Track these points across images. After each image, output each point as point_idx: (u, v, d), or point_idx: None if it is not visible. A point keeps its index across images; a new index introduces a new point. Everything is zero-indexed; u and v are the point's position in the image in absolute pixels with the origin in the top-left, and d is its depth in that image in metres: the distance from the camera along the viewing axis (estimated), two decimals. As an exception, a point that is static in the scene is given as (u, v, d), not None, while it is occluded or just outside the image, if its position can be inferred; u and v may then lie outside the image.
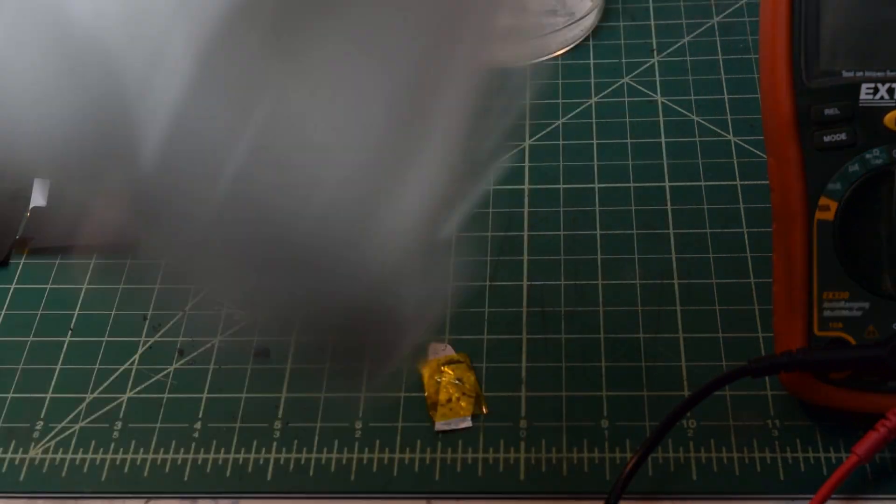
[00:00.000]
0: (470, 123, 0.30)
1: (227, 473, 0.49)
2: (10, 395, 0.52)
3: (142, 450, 0.50)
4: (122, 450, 0.50)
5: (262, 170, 0.28)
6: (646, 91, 0.65)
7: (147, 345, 0.54)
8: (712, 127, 0.63)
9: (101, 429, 0.51)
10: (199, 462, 0.50)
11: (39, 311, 0.56)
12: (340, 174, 0.28)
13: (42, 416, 0.52)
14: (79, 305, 0.56)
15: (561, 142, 0.63)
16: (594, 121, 0.64)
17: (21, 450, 0.50)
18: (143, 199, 0.28)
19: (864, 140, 0.47)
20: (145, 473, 0.49)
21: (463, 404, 0.50)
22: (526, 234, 0.58)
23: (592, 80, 0.66)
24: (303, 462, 0.49)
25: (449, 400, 0.50)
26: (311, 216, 0.28)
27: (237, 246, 0.29)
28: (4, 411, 0.52)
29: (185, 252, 0.30)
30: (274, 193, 0.28)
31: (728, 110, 0.64)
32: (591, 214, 0.59)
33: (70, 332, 0.55)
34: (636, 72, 0.66)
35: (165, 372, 0.53)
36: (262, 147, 0.27)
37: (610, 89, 0.66)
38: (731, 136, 0.62)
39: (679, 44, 0.68)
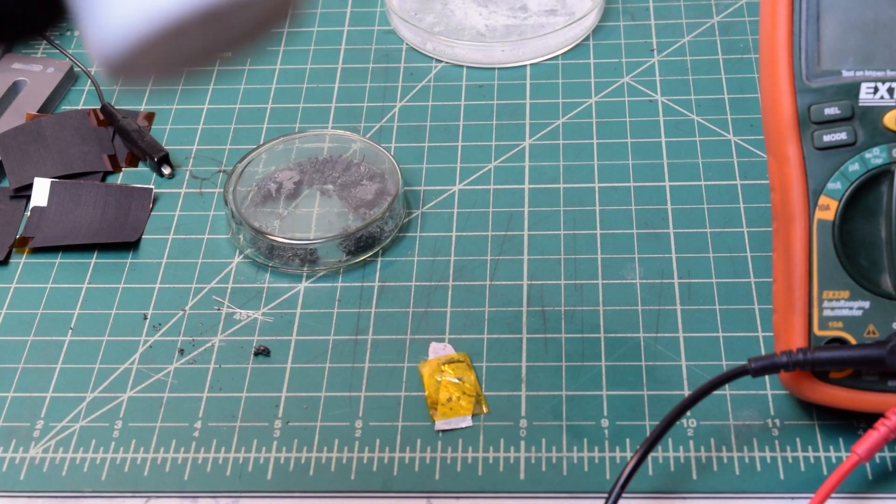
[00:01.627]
0: None
1: (228, 472, 0.49)
2: (11, 395, 0.53)
3: (142, 449, 0.50)
4: (122, 449, 0.50)
5: None
6: (646, 91, 0.65)
7: (147, 344, 0.54)
8: (712, 126, 0.63)
9: (102, 428, 0.51)
10: (200, 461, 0.50)
11: (40, 310, 0.56)
12: None
13: (42, 415, 0.52)
14: (79, 304, 0.56)
15: (561, 141, 0.63)
16: (594, 120, 0.64)
17: (21, 449, 0.50)
18: None
19: (865, 139, 0.47)
20: (146, 472, 0.49)
21: (463, 403, 0.50)
22: (526, 233, 0.58)
23: (592, 80, 0.66)
24: (303, 461, 0.49)
25: (449, 399, 0.50)
26: None
27: None
28: (5, 410, 0.52)
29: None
30: None
31: (728, 110, 0.64)
32: (591, 214, 0.59)
33: (70, 331, 0.55)
34: (636, 71, 0.66)
35: (166, 371, 0.53)
36: None
37: (610, 89, 0.66)
38: (731, 136, 0.62)
39: (679, 43, 0.68)
